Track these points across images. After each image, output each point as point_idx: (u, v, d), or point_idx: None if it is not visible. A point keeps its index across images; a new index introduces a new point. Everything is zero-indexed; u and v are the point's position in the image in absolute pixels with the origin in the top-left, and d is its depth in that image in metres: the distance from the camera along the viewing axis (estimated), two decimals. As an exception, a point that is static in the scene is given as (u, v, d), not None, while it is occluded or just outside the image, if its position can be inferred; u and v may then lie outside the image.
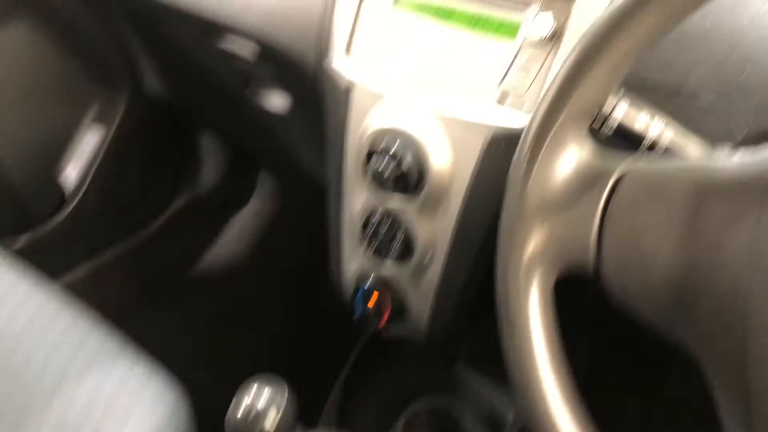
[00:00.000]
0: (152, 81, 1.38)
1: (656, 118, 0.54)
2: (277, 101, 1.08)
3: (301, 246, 1.67)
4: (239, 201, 1.74)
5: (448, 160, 0.73)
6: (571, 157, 0.45)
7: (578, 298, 0.65)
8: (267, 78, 1.01)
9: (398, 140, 0.74)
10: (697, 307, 0.39)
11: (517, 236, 0.45)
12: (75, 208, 1.37)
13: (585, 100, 0.43)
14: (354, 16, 0.79)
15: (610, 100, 0.52)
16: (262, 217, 1.72)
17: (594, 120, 0.51)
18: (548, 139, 0.44)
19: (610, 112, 0.52)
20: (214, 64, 1.10)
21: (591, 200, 0.44)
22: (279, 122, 1.11)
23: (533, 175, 0.44)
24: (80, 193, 1.37)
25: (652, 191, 0.42)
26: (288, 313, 1.58)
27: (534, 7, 0.68)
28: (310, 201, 1.70)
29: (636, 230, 0.42)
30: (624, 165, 0.44)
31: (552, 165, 0.45)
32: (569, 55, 0.43)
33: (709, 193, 0.40)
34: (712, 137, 0.58)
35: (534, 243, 0.45)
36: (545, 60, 0.67)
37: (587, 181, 0.45)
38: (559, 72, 0.43)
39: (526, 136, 0.44)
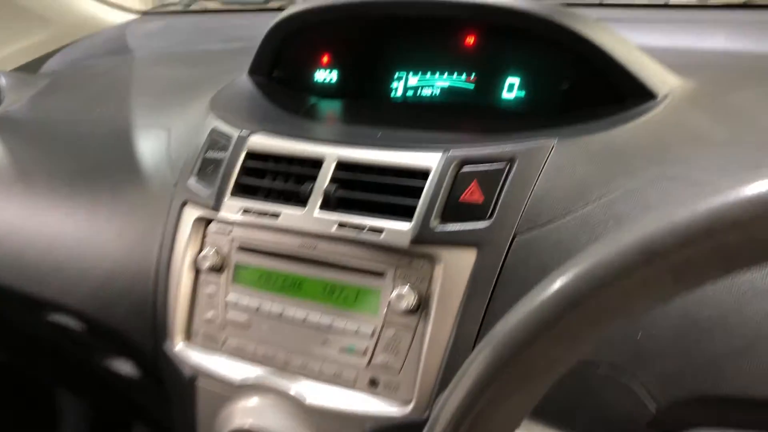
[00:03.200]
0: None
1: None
2: (126, 366, 0.92)
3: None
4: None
5: (320, 462, 0.60)
6: None
7: None
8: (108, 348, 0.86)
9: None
10: None
11: None
12: None
13: None
14: (190, 293, 0.68)
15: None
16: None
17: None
18: None
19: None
20: (47, 334, 0.94)
21: None
22: (135, 386, 0.95)
23: None
24: None
25: None
26: None
27: (389, 277, 0.59)
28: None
29: None
30: None
31: None
32: (459, 379, 0.32)
33: None
34: (623, 412, 0.49)
35: None
36: (414, 335, 0.58)
37: None
38: (447, 404, 0.32)
39: None
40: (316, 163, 0.65)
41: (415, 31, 0.83)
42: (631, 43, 0.72)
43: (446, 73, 0.82)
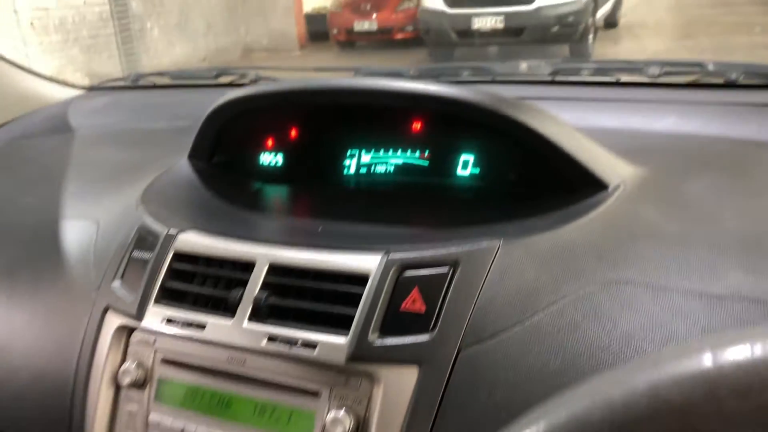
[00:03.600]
0: None
1: None
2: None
3: None
4: None
5: None
6: None
7: None
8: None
9: None
10: None
11: None
12: None
13: None
14: (109, 412, 0.62)
15: None
16: None
17: None
18: None
19: None
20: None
21: None
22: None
23: None
24: None
25: None
26: None
27: (324, 398, 0.54)
28: None
29: None
30: None
31: None
32: None
33: None
34: None
35: None
36: (353, 467, 0.52)
37: None
38: None
39: None
40: (247, 267, 0.60)
41: (363, 113, 0.80)
42: (580, 132, 0.70)
43: (399, 150, 0.79)
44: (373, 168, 0.81)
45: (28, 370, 0.68)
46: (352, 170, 0.82)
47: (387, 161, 0.81)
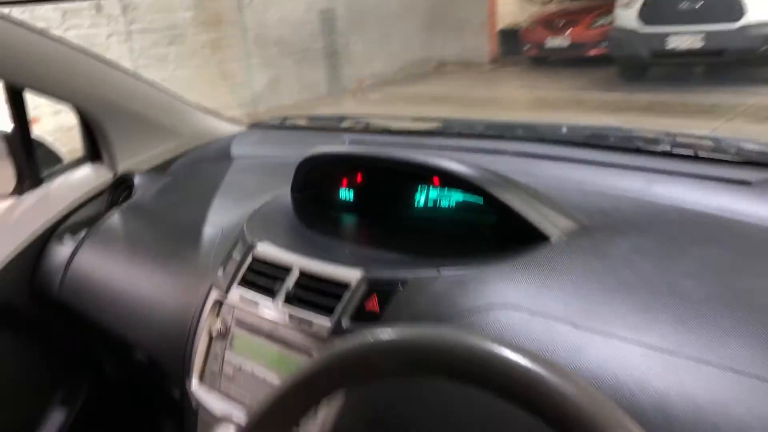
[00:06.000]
0: (112, 367, 1.60)
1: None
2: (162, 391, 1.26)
3: None
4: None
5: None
6: None
7: None
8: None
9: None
10: None
11: None
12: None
13: None
14: (205, 350, 1.00)
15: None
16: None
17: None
18: None
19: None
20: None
21: None
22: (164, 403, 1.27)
23: None
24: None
25: None
26: None
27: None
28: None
29: None
30: None
31: None
32: None
33: None
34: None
35: None
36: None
37: None
38: None
39: None
40: (287, 270, 0.95)
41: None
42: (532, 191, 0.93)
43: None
44: (438, 203, 1.08)
45: (163, 315, 1.09)
46: (422, 203, 1.11)
47: (450, 197, 1.07)
